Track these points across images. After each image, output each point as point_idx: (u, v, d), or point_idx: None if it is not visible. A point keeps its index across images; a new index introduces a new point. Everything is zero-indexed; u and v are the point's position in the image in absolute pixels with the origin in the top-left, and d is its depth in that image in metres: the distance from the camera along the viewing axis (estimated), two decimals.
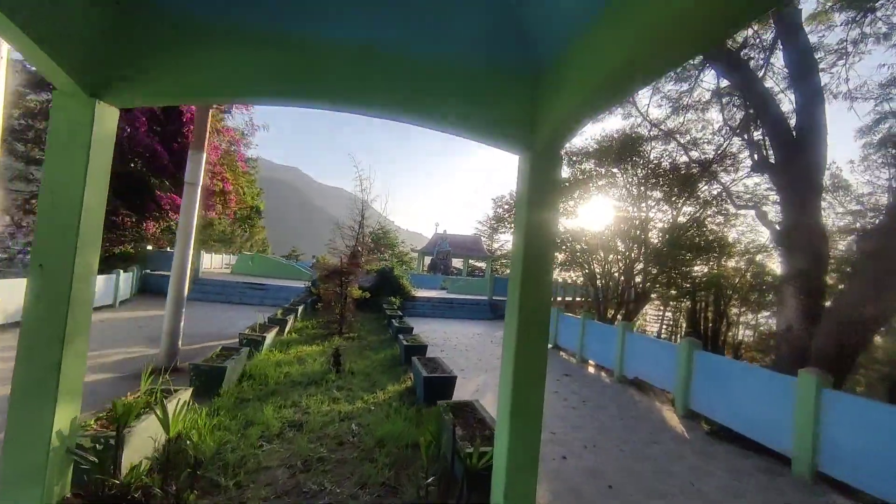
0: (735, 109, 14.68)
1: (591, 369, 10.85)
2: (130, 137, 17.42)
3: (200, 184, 8.14)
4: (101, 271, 16.17)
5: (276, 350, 9.20)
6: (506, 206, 19.78)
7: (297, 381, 7.29)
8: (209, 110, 8.34)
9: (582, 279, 25.11)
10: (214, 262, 31.14)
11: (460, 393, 7.44)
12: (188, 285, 19.02)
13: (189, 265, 8.06)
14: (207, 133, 8.31)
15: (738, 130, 13.91)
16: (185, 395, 4.78)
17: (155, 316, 13.36)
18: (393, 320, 12.82)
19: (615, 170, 18.80)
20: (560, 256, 21.64)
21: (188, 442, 3.83)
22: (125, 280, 16.93)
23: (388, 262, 23.03)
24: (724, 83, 14.29)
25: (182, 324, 8.01)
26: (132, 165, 17.49)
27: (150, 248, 20.35)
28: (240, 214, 42.01)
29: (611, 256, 20.50)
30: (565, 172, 19.50)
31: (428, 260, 52.15)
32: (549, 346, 14.00)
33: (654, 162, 17.87)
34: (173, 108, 18.04)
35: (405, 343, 9.07)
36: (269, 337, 9.24)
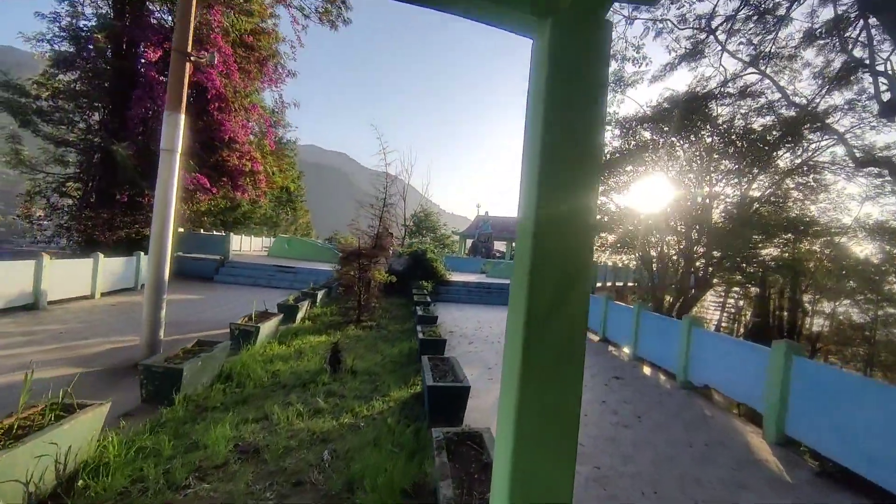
0: (836, 55, 12.00)
1: (647, 370, 9.06)
2: (156, 116, 16.91)
3: (179, 150, 7.00)
4: (121, 254, 15.92)
5: (275, 342, 8.08)
6: None
7: (284, 383, 6.08)
8: (186, 62, 7.15)
9: (634, 263, 22.81)
10: (254, 245, 31.15)
11: (481, 403, 5.99)
12: (216, 268, 18.58)
13: (169, 244, 7.00)
14: (185, 88, 7.13)
15: (854, 72, 11.28)
16: (97, 413, 3.60)
17: (171, 300, 12.75)
18: (418, 307, 11.49)
19: (677, 138, 16.39)
20: (609, 237, 19.51)
21: (79, 482, 2.63)
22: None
23: (423, 245, 21.73)
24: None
25: (163, 312, 7.00)
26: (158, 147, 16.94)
27: (181, 229, 20.07)
28: (281, 197, 42.32)
29: (668, 238, 18.17)
30: (616, 142, 17.30)
31: (470, 243, 50.68)
32: (596, 338, 12.24)
33: (726, 124, 15.31)
34: (198, 83, 17.35)
35: (421, 336, 7.69)
36: (269, 326, 8.13)
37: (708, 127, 15.98)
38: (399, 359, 7.91)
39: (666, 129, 16.23)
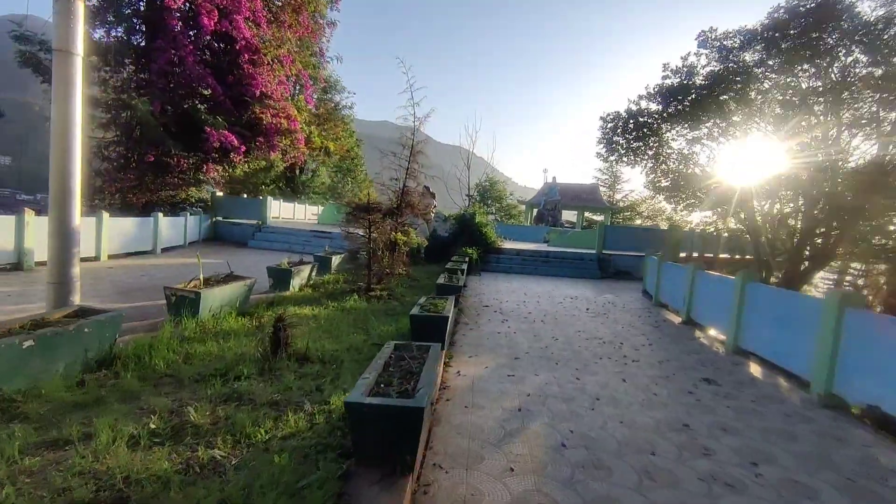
0: None
1: (755, 370, 6.14)
2: (181, 71, 15.82)
3: (81, 53, 5.17)
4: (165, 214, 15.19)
5: (234, 312, 6.25)
6: (621, 125, 14.44)
7: (186, 374, 4.15)
8: None
9: (729, 230, 18.74)
10: (307, 213, 30.47)
11: (472, 421, 3.69)
12: (252, 233, 17.53)
13: (77, 184, 5.27)
14: None
15: None
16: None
17: (180, 264, 11.59)
18: (444, 275, 9.23)
19: (801, 64, 12.29)
20: (699, 197, 15.82)
21: None
22: (193, 223, 15.88)
23: (473, 209, 19.29)
24: None
25: (75, 269, 5.35)
26: (186, 103, 15.93)
27: (219, 193, 19.32)
28: (340, 166, 41.56)
29: (780, 199, 14.21)
30: (708, 67, 13.45)
31: (536, 212, 47.25)
32: (678, 318, 9.27)
33: (877, 35, 11.05)
34: (225, 33, 15.99)
35: (414, 311, 5.43)
36: (228, 292, 6.29)
37: (846, 42, 11.78)
38: (388, 341, 5.74)
39: (783, 48, 12.23)
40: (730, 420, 4.30)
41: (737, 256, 18.67)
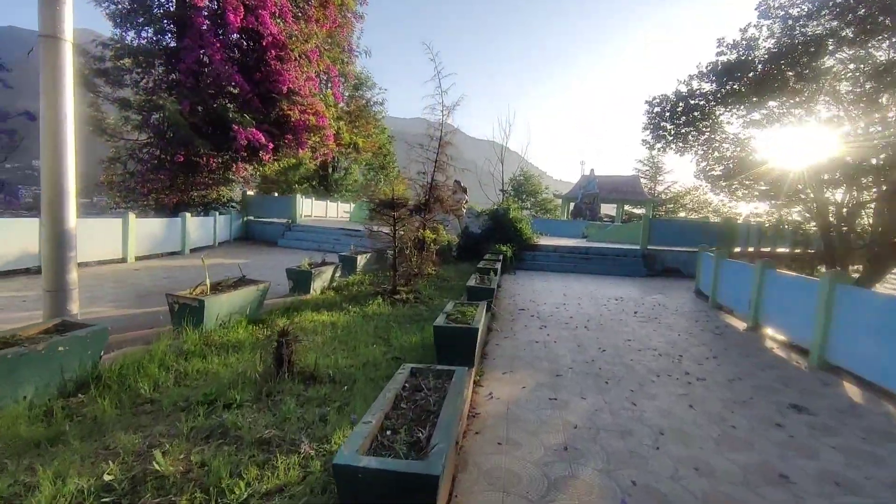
0: None
1: (852, 391, 5.08)
2: (209, 70, 15.69)
3: (70, 38, 4.70)
4: (193, 214, 15.13)
5: (244, 320, 5.72)
6: (669, 109, 13.17)
7: (182, 398, 3.59)
8: None
9: (790, 222, 17.04)
10: (339, 211, 30.33)
11: (522, 464, 2.93)
12: (282, 232, 17.30)
13: (72, 173, 4.83)
14: None
15: None
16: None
17: (228, 265, 11.34)
18: (475, 276, 8.47)
19: (881, 34, 10.75)
20: (759, 186, 14.34)
21: None
22: (224, 223, 15.79)
23: (507, 204, 18.41)
24: None
25: (72, 276, 4.93)
26: (214, 102, 15.79)
27: (251, 192, 19.23)
28: (373, 163, 41.37)
29: (855, 191, 12.61)
30: (768, 42, 11.99)
31: (573, 206, 45.63)
32: (743, 324, 8.14)
33: None
34: (251, 29, 15.74)
35: (438, 323, 4.70)
36: (238, 298, 5.77)
37: None
38: (410, 354, 5.06)
39: (859, 16, 10.72)
40: (840, 468, 3.35)
41: (798, 250, 16.98)
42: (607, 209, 44.12)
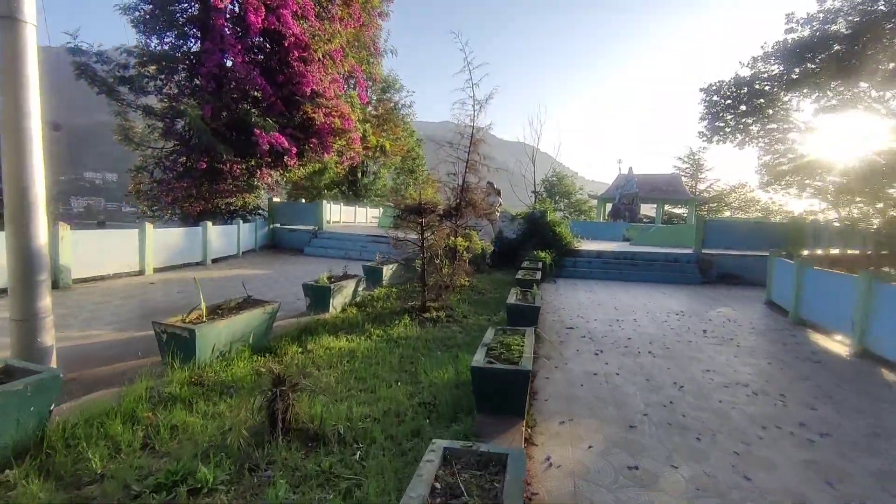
0: None
1: None
2: (230, 74, 15.25)
3: (34, 23, 3.95)
4: (216, 223, 14.66)
5: (247, 350, 4.85)
6: (729, 95, 11.72)
7: (138, 478, 2.69)
8: None
9: (861, 222, 15.16)
10: (368, 216, 29.75)
11: None
12: (308, 240, 16.66)
13: (40, 177, 4.07)
14: None
15: None
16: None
17: (224, 277, 10.69)
18: (515, 291, 7.39)
19: None
20: (830, 181, 12.70)
21: None
22: (248, 231, 15.30)
23: (543, 206, 17.22)
24: None
25: (43, 303, 4.16)
26: (237, 106, 15.31)
27: (277, 199, 18.74)
28: (402, 167, 40.80)
29: None
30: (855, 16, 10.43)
31: (610, 207, 43.72)
32: (845, 349, 6.74)
33: None
34: (273, 30, 15.20)
35: (476, 363, 3.65)
36: (243, 322, 4.90)
37: None
38: (443, 394, 4.05)
39: None
40: None
41: (870, 251, 15.07)
42: (646, 210, 42.02)
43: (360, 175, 35.97)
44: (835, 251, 15.64)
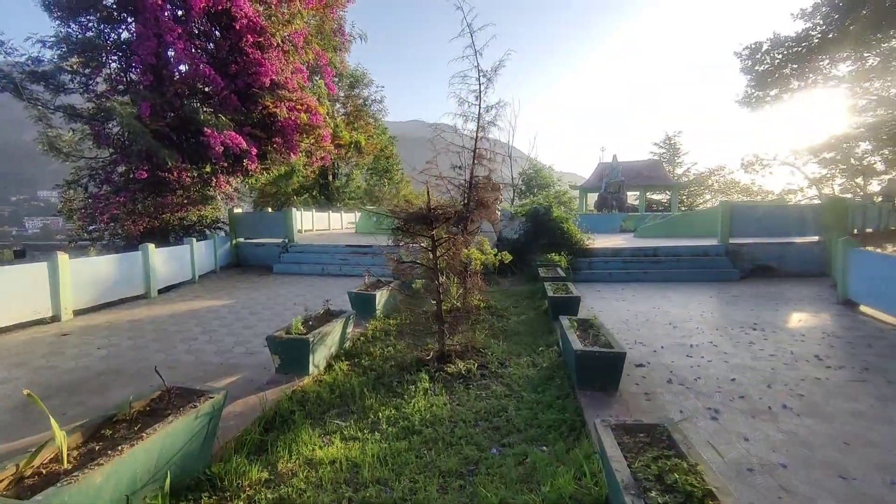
0: None
1: None
2: (172, 64, 12.78)
3: None
4: (159, 244, 12.15)
5: (157, 498, 2.68)
6: (784, 51, 10.00)
7: None
8: None
9: None
10: (344, 222, 27.35)
11: None
12: (278, 255, 14.23)
13: None
14: None
15: None
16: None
17: (167, 317, 8.31)
18: (564, 320, 5.38)
19: None
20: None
21: None
22: (205, 250, 12.88)
23: (539, 202, 15.29)
24: None
25: None
26: (182, 103, 12.84)
27: (239, 210, 16.27)
28: (376, 168, 38.40)
29: None
30: None
31: (592, 199, 42.36)
32: None
33: None
34: (221, 12, 12.76)
35: None
36: (182, 433, 2.70)
37: None
38: None
39: None
40: None
41: None
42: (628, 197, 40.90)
43: (331, 178, 33.45)
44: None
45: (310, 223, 23.20)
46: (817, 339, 6.38)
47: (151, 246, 10.22)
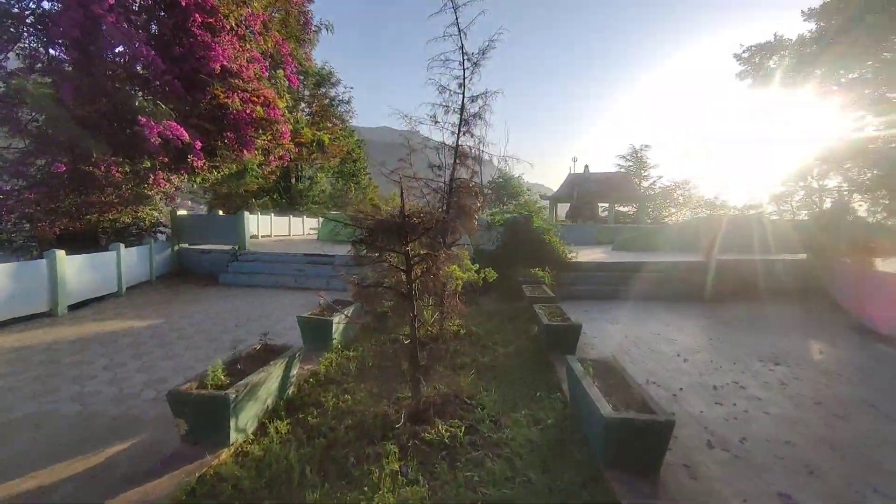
0: None
1: None
2: (104, 40, 11.02)
3: None
4: (86, 248, 10.14)
5: None
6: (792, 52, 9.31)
7: None
8: None
9: None
10: (305, 227, 25.63)
11: None
12: (227, 263, 12.35)
13: None
14: None
15: None
16: None
17: (123, 332, 6.61)
18: (560, 344, 4.22)
19: None
20: None
21: None
22: (137, 257, 11.12)
23: (520, 210, 14.25)
24: None
25: None
26: (114, 87, 11.09)
27: (183, 212, 14.44)
28: (342, 171, 36.62)
29: None
30: None
31: (562, 210, 42.13)
32: None
33: None
34: None
35: None
36: None
37: None
38: None
39: None
40: None
41: None
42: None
43: (294, 180, 31.56)
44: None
45: (268, 228, 21.45)
46: (855, 378, 5.47)
47: (60, 252, 8.45)
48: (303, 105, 28.51)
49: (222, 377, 3.59)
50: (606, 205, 40.55)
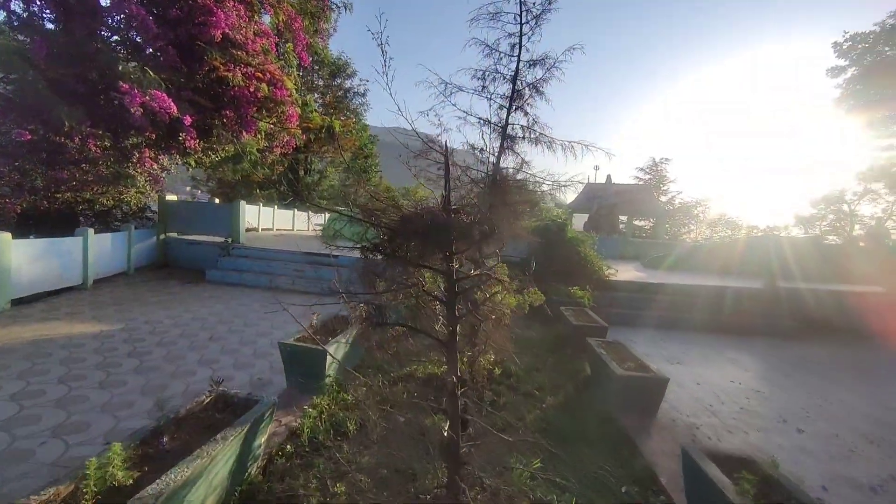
0: None
1: None
2: None
3: None
4: (56, 232, 8.37)
5: None
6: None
7: None
8: None
9: None
10: (311, 223, 24.20)
11: None
12: (216, 257, 10.77)
13: None
14: None
15: None
16: None
17: (77, 339, 5.09)
18: (637, 403, 2.65)
19: None
20: None
21: None
22: (111, 245, 9.66)
23: (562, 216, 12.57)
24: None
25: None
26: (97, 48, 9.64)
27: (172, 197, 12.98)
28: (353, 166, 35.14)
29: None
30: None
31: (579, 219, 40.43)
32: None
33: None
34: None
35: None
36: None
37: None
38: None
39: None
40: None
41: None
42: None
43: (302, 173, 30.09)
44: None
45: (269, 221, 19.96)
46: None
47: (5, 235, 6.96)
48: (316, 95, 27.13)
49: (120, 474, 2.02)
50: (625, 218, 38.91)
